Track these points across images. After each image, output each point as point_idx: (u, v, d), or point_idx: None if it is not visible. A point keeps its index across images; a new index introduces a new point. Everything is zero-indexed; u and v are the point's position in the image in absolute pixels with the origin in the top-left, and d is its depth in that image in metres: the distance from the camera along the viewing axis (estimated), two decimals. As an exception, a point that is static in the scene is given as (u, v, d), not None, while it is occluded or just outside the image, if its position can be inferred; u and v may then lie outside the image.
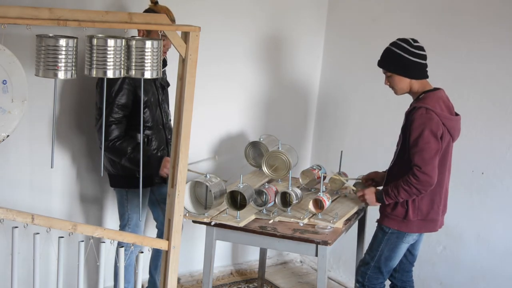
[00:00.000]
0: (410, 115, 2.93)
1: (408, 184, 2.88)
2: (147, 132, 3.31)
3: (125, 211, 3.42)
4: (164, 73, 3.46)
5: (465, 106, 3.46)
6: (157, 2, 3.29)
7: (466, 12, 3.60)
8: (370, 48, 3.90)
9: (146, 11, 3.25)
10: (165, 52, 3.27)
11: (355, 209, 3.27)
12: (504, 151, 3.43)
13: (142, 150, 2.63)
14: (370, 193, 3.11)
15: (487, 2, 3.49)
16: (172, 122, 3.47)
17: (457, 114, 3.05)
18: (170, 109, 3.50)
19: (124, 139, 3.21)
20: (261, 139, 3.69)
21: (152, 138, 3.33)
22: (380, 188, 3.12)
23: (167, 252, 2.64)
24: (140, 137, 2.81)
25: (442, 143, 2.92)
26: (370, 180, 3.31)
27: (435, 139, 2.86)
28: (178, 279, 4.05)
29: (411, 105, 3.00)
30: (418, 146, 2.87)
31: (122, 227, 3.45)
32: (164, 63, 3.34)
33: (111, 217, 3.77)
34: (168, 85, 3.51)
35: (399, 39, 2.98)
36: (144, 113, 3.26)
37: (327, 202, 3.08)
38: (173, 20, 3.25)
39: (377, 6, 4.15)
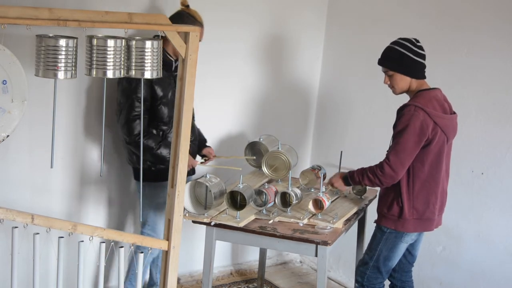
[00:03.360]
0: (399, 112, 2.95)
1: (374, 174, 2.97)
2: (163, 127, 3.33)
3: (149, 208, 3.41)
4: (176, 68, 3.46)
5: (465, 106, 3.46)
6: (188, 6, 3.34)
7: (466, 12, 3.59)
8: (370, 47, 3.90)
9: (178, 13, 3.30)
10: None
11: (355, 209, 3.28)
12: (504, 151, 3.42)
13: (142, 147, 2.62)
14: (337, 180, 3.22)
15: (487, 3, 3.49)
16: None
17: (454, 113, 3.06)
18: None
19: (149, 135, 3.24)
20: (261, 139, 3.69)
21: (168, 134, 3.33)
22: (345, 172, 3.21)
23: (167, 252, 2.64)
24: (141, 133, 2.79)
25: (434, 143, 2.92)
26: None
27: (416, 139, 2.88)
28: (178, 279, 4.05)
29: None
30: (397, 140, 2.91)
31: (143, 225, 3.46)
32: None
33: (111, 217, 3.77)
34: None
35: (401, 38, 2.99)
36: (159, 109, 3.29)
37: (326, 202, 3.08)
38: (201, 24, 3.29)
39: (377, 6, 4.15)
